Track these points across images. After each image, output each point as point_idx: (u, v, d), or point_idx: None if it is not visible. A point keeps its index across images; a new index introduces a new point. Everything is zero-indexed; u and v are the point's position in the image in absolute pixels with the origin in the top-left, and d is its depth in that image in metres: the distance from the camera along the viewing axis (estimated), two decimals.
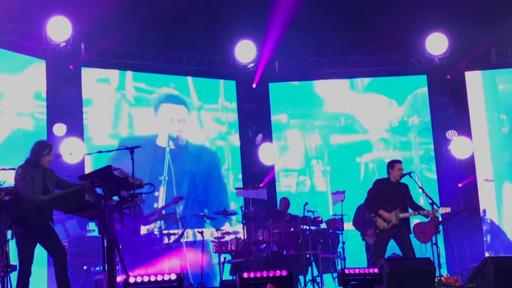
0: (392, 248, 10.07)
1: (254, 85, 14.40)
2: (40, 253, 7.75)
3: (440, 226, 11.02)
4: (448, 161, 14.22)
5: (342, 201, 11.80)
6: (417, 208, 9.70)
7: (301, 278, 10.95)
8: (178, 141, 14.04)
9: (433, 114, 14.63)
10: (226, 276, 11.37)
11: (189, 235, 12.80)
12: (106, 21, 12.40)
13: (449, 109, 14.38)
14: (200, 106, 14.36)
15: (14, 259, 7.47)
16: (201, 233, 11.46)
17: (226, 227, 12.77)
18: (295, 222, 11.38)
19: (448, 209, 9.90)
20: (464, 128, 14.26)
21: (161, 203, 13.26)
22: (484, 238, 13.99)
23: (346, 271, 8.00)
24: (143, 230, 11.56)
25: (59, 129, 12.01)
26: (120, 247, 6.93)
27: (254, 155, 14.23)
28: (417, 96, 14.90)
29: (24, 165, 7.70)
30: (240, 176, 14.35)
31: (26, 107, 12.24)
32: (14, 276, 7.34)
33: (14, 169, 7.63)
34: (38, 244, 7.63)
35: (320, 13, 13.67)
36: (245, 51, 14.30)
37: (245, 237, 11.29)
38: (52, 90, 12.35)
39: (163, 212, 12.05)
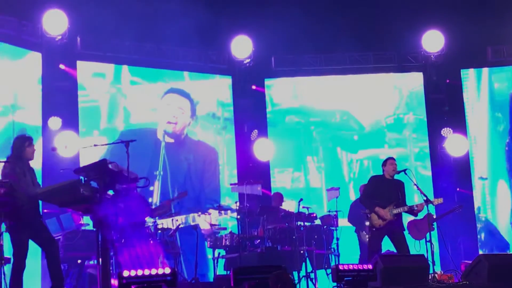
0: (387, 245, 10.08)
1: (253, 87, 14.45)
2: (33, 246, 7.72)
3: (434, 223, 11.01)
4: (443, 159, 14.23)
5: (336, 197, 11.81)
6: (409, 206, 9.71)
7: (295, 274, 10.96)
8: (174, 135, 14.01)
9: (428, 112, 14.63)
10: (220, 271, 11.37)
11: (187, 221, 12.76)
12: (102, 15, 12.34)
13: (444, 107, 14.39)
14: (196, 101, 14.33)
15: (7, 252, 7.45)
16: (195, 227, 11.46)
17: (221, 222, 12.76)
18: (290, 218, 11.39)
19: (440, 200, 9.92)
20: (460, 126, 14.27)
21: (155, 197, 13.23)
22: (478, 236, 14.00)
23: (340, 267, 7.99)
24: None
25: (55, 122, 11.97)
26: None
27: (249, 150, 14.21)
28: (412, 94, 14.90)
29: (11, 161, 7.55)
30: (235, 171, 14.34)
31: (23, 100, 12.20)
32: (7, 269, 7.33)
33: (6, 161, 7.55)
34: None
35: (316, 9, 13.67)
36: (241, 47, 14.26)
37: (240, 233, 11.29)
38: (48, 83, 12.30)
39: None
